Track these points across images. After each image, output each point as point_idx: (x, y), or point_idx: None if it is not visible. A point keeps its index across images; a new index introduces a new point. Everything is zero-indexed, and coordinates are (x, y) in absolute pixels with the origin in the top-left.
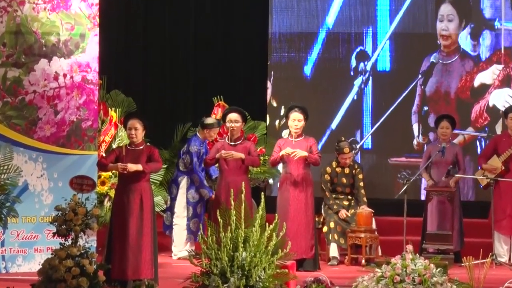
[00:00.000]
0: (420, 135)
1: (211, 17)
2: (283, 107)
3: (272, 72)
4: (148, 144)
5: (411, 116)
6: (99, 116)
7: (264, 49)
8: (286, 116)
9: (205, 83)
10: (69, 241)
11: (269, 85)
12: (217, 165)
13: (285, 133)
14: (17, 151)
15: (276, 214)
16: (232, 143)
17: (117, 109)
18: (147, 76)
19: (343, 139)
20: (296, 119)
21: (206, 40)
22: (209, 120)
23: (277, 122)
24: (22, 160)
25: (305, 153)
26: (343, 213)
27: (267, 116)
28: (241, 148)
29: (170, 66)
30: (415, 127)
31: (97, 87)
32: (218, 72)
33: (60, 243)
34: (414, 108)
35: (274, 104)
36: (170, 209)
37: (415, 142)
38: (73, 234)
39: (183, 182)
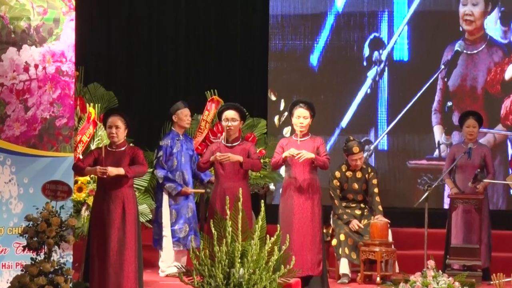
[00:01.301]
0: (443, 134)
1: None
2: (283, 100)
3: (272, 62)
4: (131, 144)
5: (432, 113)
6: (76, 113)
7: (264, 35)
8: (290, 112)
9: (197, 75)
10: (42, 256)
11: (269, 76)
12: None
13: (286, 131)
14: None
15: (278, 225)
16: (229, 145)
17: (96, 105)
18: (131, 68)
19: (351, 138)
20: (301, 116)
21: (198, 26)
22: (172, 106)
23: (276, 118)
24: None
25: (312, 155)
26: (354, 224)
27: (267, 112)
28: (239, 150)
29: (157, 56)
30: (437, 125)
31: (73, 80)
32: (212, 63)
33: (31, 258)
34: (436, 104)
35: (273, 98)
36: (156, 220)
37: (437, 142)
38: (46, 247)
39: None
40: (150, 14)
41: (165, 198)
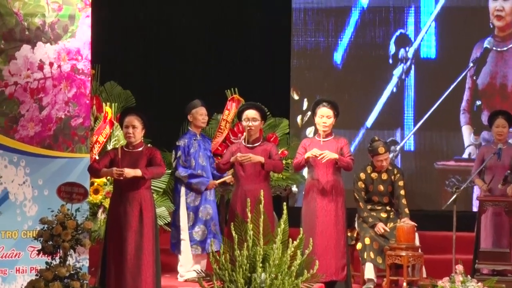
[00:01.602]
0: (472, 134)
1: None
2: (305, 100)
3: (295, 60)
4: (148, 145)
5: (461, 112)
6: (92, 112)
7: (286, 32)
8: (313, 112)
9: (216, 73)
10: (57, 260)
11: (291, 74)
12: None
13: (309, 132)
14: None
15: (301, 228)
16: (250, 145)
17: (113, 104)
18: (148, 66)
19: (376, 138)
20: (324, 116)
21: (218, 22)
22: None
23: (298, 118)
24: (1, 164)
25: (335, 155)
26: (380, 227)
27: (289, 111)
28: (260, 151)
29: (175, 54)
30: (466, 125)
31: (89, 78)
32: (232, 60)
33: (46, 262)
34: (464, 103)
35: (295, 97)
36: (174, 223)
37: (465, 143)
38: (61, 251)
39: (182, 188)
40: (169, 10)
41: (183, 200)
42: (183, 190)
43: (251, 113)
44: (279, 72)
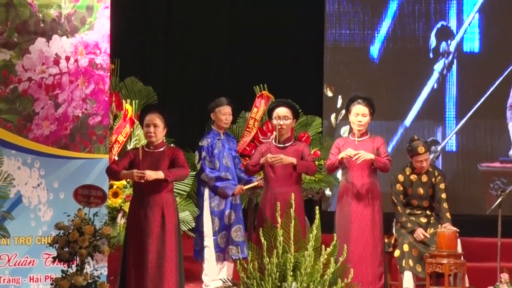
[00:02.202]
0: None
1: None
2: (340, 97)
3: (328, 54)
4: (171, 145)
5: (507, 109)
6: (111, 110)
7: (319, 24)
8: (347, 109)
9: (244, 68)
10: (73, 268)
11: (324, 71)
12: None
13: (343, 131)
14: (7, 154)
15: (335, 234)
16: (280, 145)
17: (133, 101)
18: (171, 60)
19: (415, 137)
20: (359, 114)
21: (246, 14)
22: (211, 103)
23: (332, 116)
24: (14, 165)
25: (371, 156)
26: (419, 233)
27: (322, 109)
28: (291, 151)
29: (200, 48)
30: None
31: (108, 74)
32: (261, 55)
33: (62, 271)
34: (511, 100)
35: (329, 94)
36: (197, 229)
37: None
38: (78, 259)
39: (206, 191)
40: (192, 2)
41: (206, 204)
42: (207, 193)
43: (282, 110)
44: (312, 67)
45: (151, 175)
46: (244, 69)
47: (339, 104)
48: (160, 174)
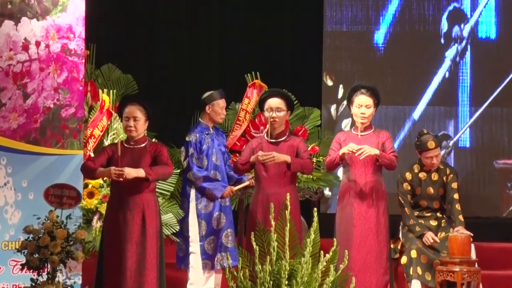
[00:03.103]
0: None
1: None
2: (341, 87)
3: (328, 39)
4: (153, 140)
5: None
6: (86, 101)
7: (318, 6)
8: (349, 100)
9: (234, 54)
10: (44, 276)
11: (324, 57)
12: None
13: (345, 124)
14: None
15: (335, 239)
16: (273, 140)
17: (111, 91)
18: (153, 46)
19: (425, 131)
20: (362, 105)
21: None
22: (206, 94)
23: (332, 108)
24: None
25: (376, 151)
26: (429, 237)
27: (321, 100)
28: (285, 147)
29: (187, 32)
30: None
31: (83, 60)
32: (253, 40)
33: (31, 279)
34: None
35: (329, 83)
36: (182, 233)
37: None
38: (49, 266)
39: (193, 191)
40: None
41: (192, 206)
42: (193, 193)
43: (274, 101)
44: (309, 53)
45: (131, 173)
46: (234, 55)
47: (340, 94)
48: (140, 172)
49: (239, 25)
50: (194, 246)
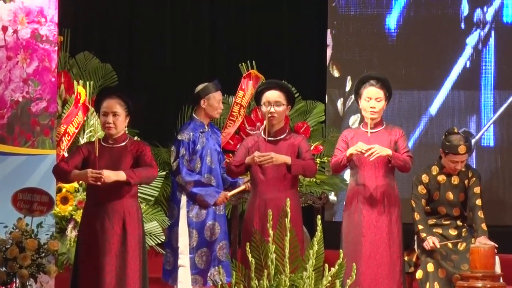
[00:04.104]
0: None
1: None
2: (349, 78)
3: (334, 23)
4: (135, 138)
5: None
6: (59, 94)
7: None
8: (357, 93)
9: (227, 40)
10: None
11: (329, 45)
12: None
13: (353, 121)
14: None
15: (341, 251)
16: (271, 139)
17: (88, 83)
18: (135, 31)
19: (455, 129)
20: (372, 98)
21: None
22: (200, 86)
23: (339, 102)
24: None
25: (388, 151)
26: (429, 241)
27: (326, 93)
28: (285, 147)
29: (172, 16)
30: None
31: (56, 48)
32: (248, 25)
33: None
34: None
35: (335, 74)
36: (170, 244)
37: None
38: (18, 281)
39: (184, 197)
40: None
41: (183, 213)
42: (184, 199)
43: (273, 94)
44: (313, 41)
45: (110, 176)
46: (226, 41)
47: (347, 87)
48: (121, 175)
49: (231, 6)
50: (184, 258)
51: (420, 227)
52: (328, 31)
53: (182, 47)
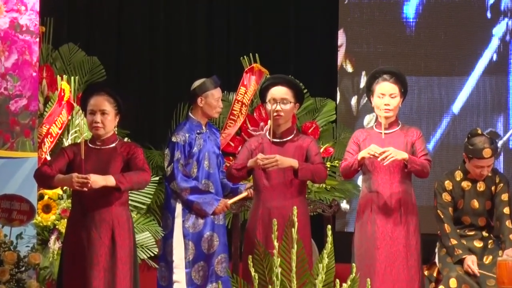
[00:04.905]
0: None
1: None
2: (363, 73)
3: (346, 12)
4: (126, 140)
5: None
6: (41, 90)
7: None
8: (369, 89)
9: (226, 31)
10: None
11: (340, 35)
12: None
13: (367, 120)
14: None
15: (354, 264)
16: (277, 140)
17: (73, 78)
18: (124, 20)
19: (479, 131)
20: (386, 94)
21: None
22: (197, 83)
23: (353, 100)
24: None
25: (404, 155)
26: (469, 263)
27: (338, 90)
28: (292, 149)
29: (166, 3)
30: None
31: (37, 39)
32: (251, 14)
33: None
34: None
35: (348, 69)
36: (164, 258)
37: None
38: None
39: (179, 206)
40: None
41: (178, 223)
42: (179, 208)
43: (279, 91)
44: (322, 31)
45: (98, 181)
46: (225, 32)
47: (362, 83)
48: (110, 180)
49: None
50: (179, 273)
51: (454, 241)
52: (340, 20)
53: (177, 38)
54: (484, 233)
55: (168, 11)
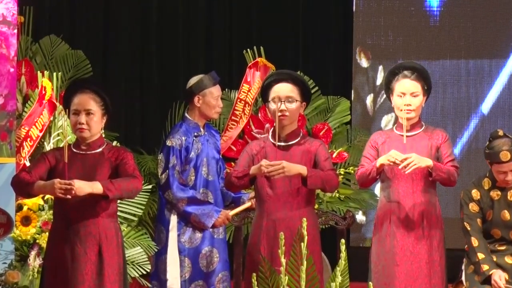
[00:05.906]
0: None
1: None
2: (380, 67)
3: (361, 2)
4: (114, 143)
5: None
6: (19, 88)
7: None
8: (388, 87)
9: (228, 24)
10: None
11: (355, 26)
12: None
13: (386, 121)
14: None
15: (370, 283)
16: (282, 144)
17: (55, 74)
18: (113, 10)
19: (500, 132)
20: (406, 93)
21: None
22: (193, 80)
23: (369, 98)
24: None
25: (429, 161)
26: (497, 279)
27: (352, 87)
28: (299, 154)
29: None
30: None
31: (15, 31)
32: (255, 4)
33: None
34: None
35: (364, 63)
36: (157, 276)
37: None
38: None
39: (174, 218)
40: None
41: (173, 237)
42: (174, 220)
43: (284, 88)
44: (335, 23)
45: (83, 187)
46: (225, 22)
47: (379, 79)
48: (96, 187)
49: None
50: None
51: (481, 256)
52: (354, 9)
53: (172, 28)
54: None
55: (165, 6)
